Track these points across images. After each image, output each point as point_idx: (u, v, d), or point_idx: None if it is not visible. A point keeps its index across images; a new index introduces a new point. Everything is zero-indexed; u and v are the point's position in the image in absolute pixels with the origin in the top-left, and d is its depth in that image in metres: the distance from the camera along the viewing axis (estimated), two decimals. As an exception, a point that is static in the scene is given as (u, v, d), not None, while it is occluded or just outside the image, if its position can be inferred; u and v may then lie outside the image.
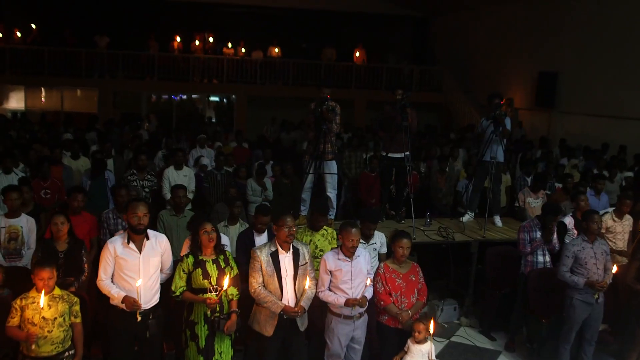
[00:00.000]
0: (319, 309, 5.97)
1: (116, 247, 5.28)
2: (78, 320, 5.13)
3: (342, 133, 14.59)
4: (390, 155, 8.55)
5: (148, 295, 5.37)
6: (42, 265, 4.95)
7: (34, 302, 4.88)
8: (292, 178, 10.04)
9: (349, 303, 5.64)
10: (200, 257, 5.48)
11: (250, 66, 20.30)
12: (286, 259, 5.57)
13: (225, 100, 23.01)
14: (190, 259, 5.46)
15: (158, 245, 5.49)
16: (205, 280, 5.40)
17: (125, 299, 5.19)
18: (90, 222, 7.20)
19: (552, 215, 7.16)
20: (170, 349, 6.03)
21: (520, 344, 7.49)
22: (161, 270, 5.54)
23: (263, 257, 5.50)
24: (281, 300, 5.52)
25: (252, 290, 5.52)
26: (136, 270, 5.29)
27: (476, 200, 9.28)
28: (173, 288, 5.42)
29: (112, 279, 5.34)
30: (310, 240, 6.65)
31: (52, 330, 4.90)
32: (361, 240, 5.99)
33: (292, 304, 5.57)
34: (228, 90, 21.00)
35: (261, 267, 5.50)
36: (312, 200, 8.25)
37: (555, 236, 7.30)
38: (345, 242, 5.67)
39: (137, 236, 5.32)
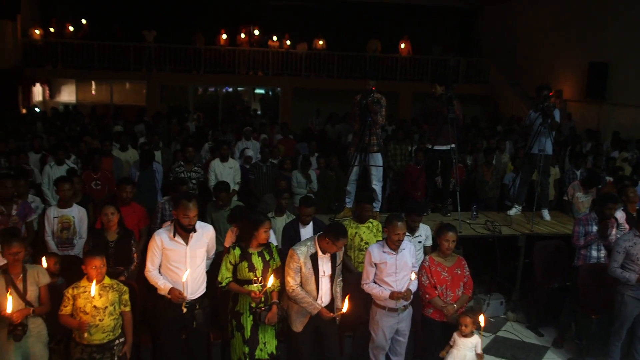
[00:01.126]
0: (363, 301, 5.97)
1: (163, 239, 5.36)
2: (128, 309, 5.24)
3: (387, 125, 14.51)
4: (436, 147, 8.48)
5: (194, 286, 5.46)
6: (94, 254, 5.07)
7: (85, 291, 5.01)
8: (337, 170, 10.04)
9: (394, 296, 5.63)
10: (246, 250, 5.54)
11: (295, 59, 20.35)
12: (324, 260, 5.58)
13: (270, 92, 23.12)
14: (237, 251, 5.52)
15: (204, 237, 5.57)
16: (251, 273, 5.47)
17: (172, 291, 5.28)
18: (139, 213, 7.33)
19: (611, 203, 6.96)
20: (217, 338, 6.10)
21: (569, 340, 7.35)
22: None
23: (302, 258, 5.50)
24: (317, 298, 5.56)
25: (290, 290, 5.53)
26: (183, 261, 5.37)
27: (523, 193, 9.14)
28: (219, 279, 5.49)
29: (159, 269, 5.44)
30: (356, 233, 6.66)
31: (103, 319, 5.02)
32: (406, 233, 5.96)
33: (326, 302, 5.62)
34: (273, 82, 21.10)
35: (300, 268, 5.52)
36: (357, 192, 8.24)
37: (614, 232, 7.10)
38: (391, 235, 5.65)
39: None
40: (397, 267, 5.70)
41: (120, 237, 6.23)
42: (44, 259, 5.81)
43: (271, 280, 5.34)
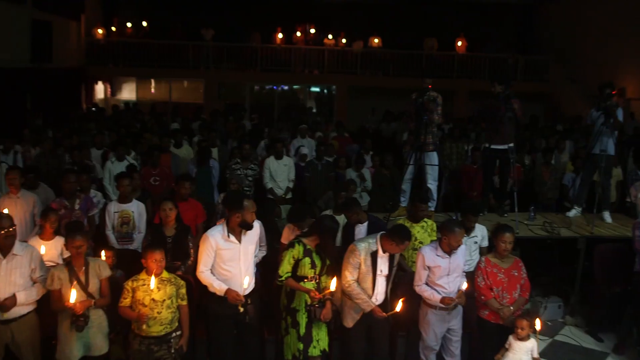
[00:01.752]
0: (417, 300, 5.94)
1: (217, 241, 5.44)
2: (184, 302, 5.35)
3: (443, 124, 14.36)
4: (493, 146, 8.34)
5: (248, 282, 5.54)
6: (154, 248, 5.19)
7: (144, 284, 5.13)
8: (391, 169, 9.99)
9: (445, 301, 5.60)
10: (308, 247, 5.57)
11: (351, 57, 20.34)
12: (383, 259, 5.57)
13: (325, 90, 23.16)
14: (301, 247, 5.56)
15: (254, 232, 5.66)
16: (312, 270, 5.52)
17: (229, 293, 5.36)
18: (197, 209, 7.47)
19: None
20: (271, 335, 6.16)
21: (630, 347, 7.12)
22: None
23: (363, 255, 5.50)
24: (371, 297, 5.56)
25: (347, 285, 5.55)
26: (237, 259, 5.47)
27: (584, 194, 8.90)
28: (280, 272, 5.54)
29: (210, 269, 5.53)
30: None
31: (161, 312, 5.13)
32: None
33: (379, 301, 5.62)
34: (329, 80, 21.13)
35: (360, 264, 5.52)
36: (411, 191, 8.19)
37: None
38: (452, 242, 5.59)
39: (238, 229, 5.48)
40: (450, 269, 5.66)
41: (178, 233, 6.36)
42: (102, 252, 5.98)
43: (334, 285, 5.37)
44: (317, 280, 5.57)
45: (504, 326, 5.70)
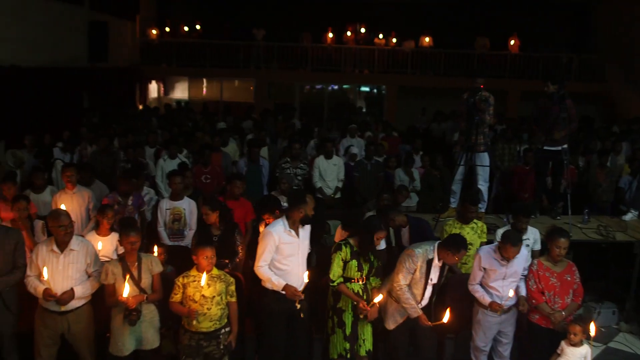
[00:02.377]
0: (468, 303, 5.88)
1: (280, 235, 5.50)
2: (234, 299, 5.41)
3: (496, 124, 14.15)
4: (546, 147, 8.19)
5: (302, 278, 5.58)
6: (205, 245, 5.26)
7: (194, 281, 5.21)
8: (442, 169, 9.91)
9: (493, 307, 5.53)
10: (355, 249, 5.57)
11: (401, 56, 20.22)
12: (436, 268, 5.54)
13: (375, 90, 23.09)
14: (348, 249, 5.57)
15: (308, 228, 5.73)
16: (358, 273, 5.53)
17: (287, 288, 5.42)
18: (247, 207, 7.55)
19: None
20: (317, 333, 6.18)
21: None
22: None
23: (419, 261, 5.47)
24: (419, 302, 5.54)
25: (398, 288, 5.53)
26: (295, 254, 5.55)
27: (641, 198, 8.66)
28: (332, 276, 5.58)
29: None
30: (459, 233, 6.54)
31: (210, 308, 5.20)
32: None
33: (423, 305, 5.60)
34: (379, 80, 21.07)
35: (415, 270, 5.49)
36: (462, 192, 8.11)
37: None
38: (503, 253, 5.52)
39: (297, 223, 5.56)
40: (507, 274, 5.58)
41: (224, 231, 6.41)
42: (155, 248, 6.09)
43: (378, 299, 5.36)
44: (364, 282, 5.57)
45: (554, 331, 5.59)
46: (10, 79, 10.81)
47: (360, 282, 5.57)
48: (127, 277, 5.22)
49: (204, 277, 5.12)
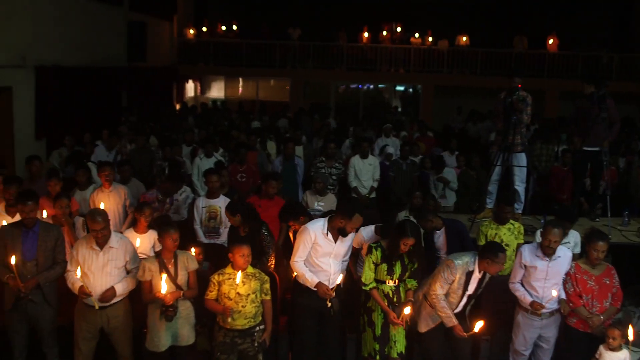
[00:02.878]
0: (503, 305, 5.83)
1: (317, 235, 5.53)
2: (268, 297, 5.43)
3: (533, 125, 13.96)
4: (585, 148, 8.06)
5: (335, 277, 5.61)
6: (242, 243, 5.30)
7: (230, 278, 5.25)
8: (478, 170, 9.82)
9: (534, 306, 5.46)
10: (387, 252, 5.57)
11: (437, 55, 20.09)
12: (475, 280, 5.48)
13: (411, 89, 22.99)
14: (379, 252, 5.57)
15: (350, 238, 5.72)
16: (388, 276, 5.53)
17: (319, 286, 5.46)
18: (281, 206, 7.56)
19: None
20: (351, 332, 6.18)
21: None
22: None
23: (459, 274, 5.41)
24: (453, 310, 5.50)
25: (434, 297, 5.49)
26: (329, 255, 5.57)
27: (684, 200, 8.47)
28: (364, 280, 5.59)
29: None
30: (496, 234, 6.50)
31: (245, 305, 5.24)
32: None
33: (456, 312, 5.55)
34: (414, 79, 20.96)
35: (454, 282, 5.45)
36: (498, 192, 8.03)
37: None
38: (544, 241, 5.46)
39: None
40: (548, 273, 5.49)
41: (250, 232, 6.42)
42: (192, 249, 6.16)
43: (407, 312, 5.36)
44: (396, 284, 5.55)
45: (592, 335, 5.50)
46: (52, 78, 11.04)
47: (392, 284, 5.56)
48: (165, 274, 5.30)
49: (239, 274, 5.16)
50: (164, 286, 5.19)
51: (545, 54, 19.81)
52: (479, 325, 5.16)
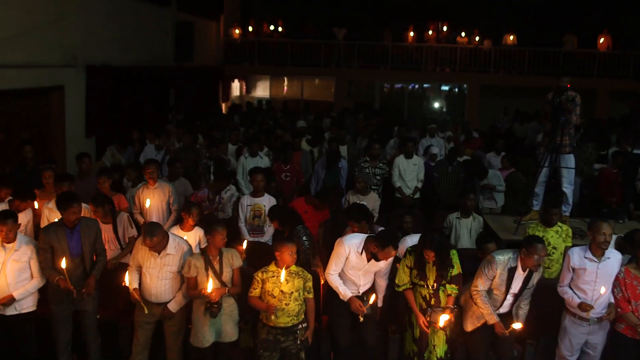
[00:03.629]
0: (550, 308, 5.74)
1: (351, 251, 5.53)
2: (311, 295, 5.46)
3: (582, 125, 13.68)
4: (636, 151, 7.86)
5: (365, 290, 5.70)
6: (289, 241, 5.35)
7: (273, 276, 5.29)
8: (529, 176, 9.64)
9: (583, 307, 5.35)
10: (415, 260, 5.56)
11: (483, 55, 19.85)
12: (518, 278, 5.41)
13: (456, 89, 22.77)
14: (413, 257, 5.57)
15: (384, 264, 5.69)
16: (422, 281, 5.51)
17: (352, 301, 5.49)
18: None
19: None
20: (394, 333, 6.16)
21: None
22: None
23: (500, 269, 5.37)
24: (497, 309, 5.45)
25: (475, 293, 5.47)
26: (359, 270, 5.59)
27: None
28: (397, 281, 5.62)
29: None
30: (543, 236, 6.38)
31: (289, 303, 5.28)
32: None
33: (502, 312, 5.49)
34: (460, 79, 20.77)
35: (495, 278, 5.40)
36: (545, 194, 7.90)
37: None
38: (597, 237, 5.35)
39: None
40: (598, 275, 5.38)
41: (290, 234, 6.44)
42: (244, 243, 6.23)
43: (443, 321, 5.33)
44: (435, 288, 5.50)
45: (641, 342, 5.38)
46: (102, 77, 11.27)
47: (427, 288, 5.52)
48: (211, 272, 5.38)
49: (283, 273, 5.20)
50: (210, 284, 5.26)
51: (596, 53, 19.39)
52: (517, 326, 5.14)
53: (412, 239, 6.02)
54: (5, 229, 5.39)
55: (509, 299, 5.46)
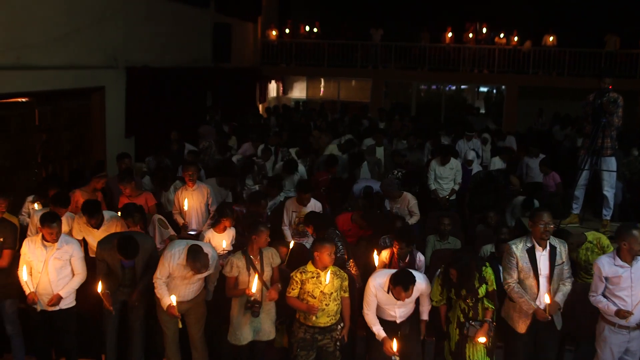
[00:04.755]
0: (589, 314, 5.63)
1: (377, 290, 5.46)
2: (347, 294, 5.47)
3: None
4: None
5: (406, 313, 5.67)
6: (329, 242, 5.38)
7: (313, 277, 5.31)
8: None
9: (620, 314, 5.23)
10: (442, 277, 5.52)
11: (522, 55, 19.58)
12: (542, 257, 5.36)
13: (494, 90, 22.51)
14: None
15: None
16: (455, 297, 5.46)
17: (384, 341, 5.33)
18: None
19: None
20: (430, 337, 6.11)
21: None
22: None
23: (519, 252, 5.36)
24: (536, 299, 5.37)
25: (506, 287, 5.43)
26: (393, 304, 5.51)
27: None
28: (432, 296, 5.58)
29: None
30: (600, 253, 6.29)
31: (328, 304, 5.31)
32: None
33: (543, 303, 5.34)
34: (498, 80, 20.53)
35: (517, 263, 5.36)
36: (585, 198, 7.77)
37: None
38: (633, 246, 5.21)
39: None
40: (633, 280, 5.25)
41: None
42: (291, 243, 6.32)
43: (482, 339, 5.28)
44: (474, 301, 5.44)
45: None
46: (142, 78, 11.44)
47: (463, 304, 5.47)
48: (256, 273, 5.46)
49: (328, 274, 5.26)
50: (255, 285, 5.32)
51: (639, 54, 18.97)
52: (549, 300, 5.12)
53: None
54: (54, 231, 5.53)
55: (543, 283, 5.37)
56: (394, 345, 5.20)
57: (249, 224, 5.81)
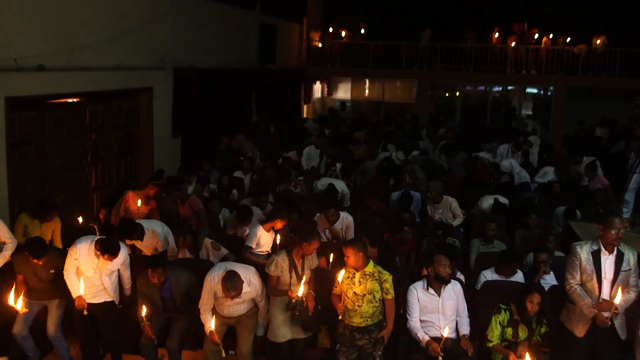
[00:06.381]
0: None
1: (418, 293, 5.56)
2: (389, 296, 5.45)
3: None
4: None
5: (449, 326, 5.60)
6: (353, 243, 5.45)
7: (348, 277, 5.37)
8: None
9: None
10: (515, 317, 5.46)
11: (571, 56, 19.16)
12: (607, 261, 5.22)
13: (542, 92, 22.10)
14: (508, 315, 5.49)
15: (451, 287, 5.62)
16: (513, 339, 5.42)
17: (428, 344, 5.37)
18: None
19: None
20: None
21: None
22: None
23: (583, 254, 5.24)
24: (597, 300, 5.25)
25: (567, 287, 5.33)
26: (436, 311, 5.57)
27: None
28: (490, 336, 5.52)
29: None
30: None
31: (361, 305, 5.33)
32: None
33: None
34: (546, 81, 20.12)
35: (580, 264, 5.24)
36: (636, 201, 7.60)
37: None
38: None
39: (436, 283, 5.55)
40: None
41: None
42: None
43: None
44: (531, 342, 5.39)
45: None
46: (188, 79, 11.61)
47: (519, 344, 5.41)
48: (295, 274, 5.55)
49: (357, 276, 5.32)
50: (301, 289, 5.40)
51: (694, 53, 18.39)
52: (618, 296, 5.00)
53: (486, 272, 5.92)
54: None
55: (606, 286, 5.23)
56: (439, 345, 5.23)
57: (306, 230, 5.81)
